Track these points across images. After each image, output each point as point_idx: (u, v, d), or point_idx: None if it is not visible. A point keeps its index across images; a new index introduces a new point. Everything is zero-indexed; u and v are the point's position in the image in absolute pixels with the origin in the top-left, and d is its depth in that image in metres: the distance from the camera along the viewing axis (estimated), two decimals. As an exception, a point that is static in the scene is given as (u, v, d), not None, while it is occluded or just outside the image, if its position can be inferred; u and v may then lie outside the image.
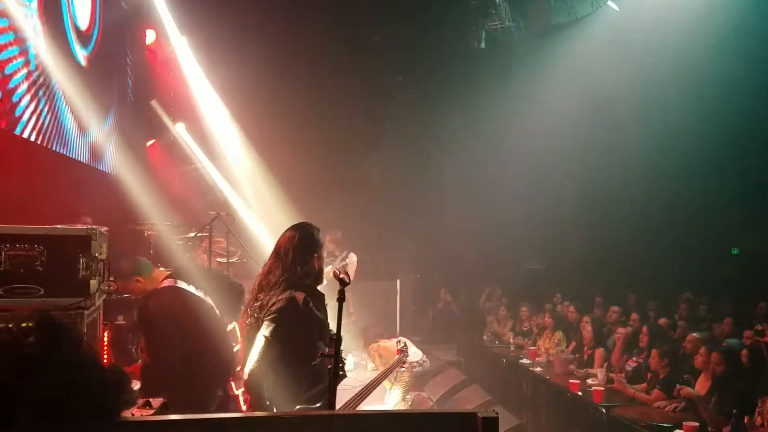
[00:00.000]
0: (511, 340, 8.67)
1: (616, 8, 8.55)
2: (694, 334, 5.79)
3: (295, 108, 9.96)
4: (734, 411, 4.44)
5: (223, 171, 8.99)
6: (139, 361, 4.82)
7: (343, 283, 2.72)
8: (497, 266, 11.95)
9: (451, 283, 11.22)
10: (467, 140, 10.70)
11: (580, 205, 11.38)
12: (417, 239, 11.60)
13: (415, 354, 5.05)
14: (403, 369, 3.97)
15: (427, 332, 10.72)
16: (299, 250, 3.17)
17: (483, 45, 8.76)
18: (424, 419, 2.51)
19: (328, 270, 3.74)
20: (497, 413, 2.42)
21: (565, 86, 9.55)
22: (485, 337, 9.43)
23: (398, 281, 11.02)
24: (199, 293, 3.94)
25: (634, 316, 7.34)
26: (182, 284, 3.89)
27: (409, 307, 11.77)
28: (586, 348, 7.21)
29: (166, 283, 3.86)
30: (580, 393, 5.99)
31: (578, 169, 10.86)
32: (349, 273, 2.86)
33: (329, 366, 2.70)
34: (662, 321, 6.92)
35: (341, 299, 2.69)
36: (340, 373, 2.83)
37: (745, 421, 4.46)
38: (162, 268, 4.29)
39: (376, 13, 9.38)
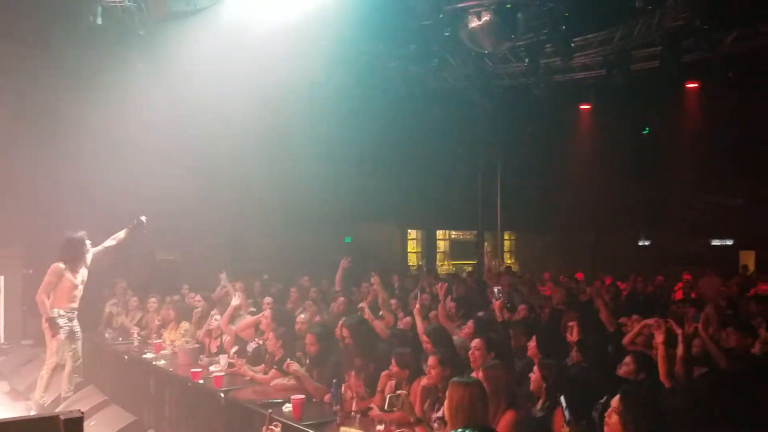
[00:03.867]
0: (136, 335, 8.29)
1: (237, 3, 8.63)
2: (302, 316, 6.40)
3: None
4: (334, 381, 5.04)
5: None
6: None
7: None
8: (128, 257, 11.27)
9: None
10: (84, 120, 9.62)
11: (207, 194, 11.50)
12: (31, 231, 10.16)
13: None
14: None
15: (40, 334, 9.52)
16: None
17: (99, 21, 8.00)
18: (2, 428, 2.21)
19: None
20: (83, 413, 2.29)
21: (183, 75, 9.30)
22: (107, 335, 8.80)
23: (2, 278, 9.60)
24: None
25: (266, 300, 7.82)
26: None
27: (18, 307, 10.47)
28: (211, 340, 7.33)
29: None
30: (201, 381, 6.04)
31: (200, 159, 10.94)
32: None
33: None
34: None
35: None
36: None
37: (342, 390, 5.10)
38: None
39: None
